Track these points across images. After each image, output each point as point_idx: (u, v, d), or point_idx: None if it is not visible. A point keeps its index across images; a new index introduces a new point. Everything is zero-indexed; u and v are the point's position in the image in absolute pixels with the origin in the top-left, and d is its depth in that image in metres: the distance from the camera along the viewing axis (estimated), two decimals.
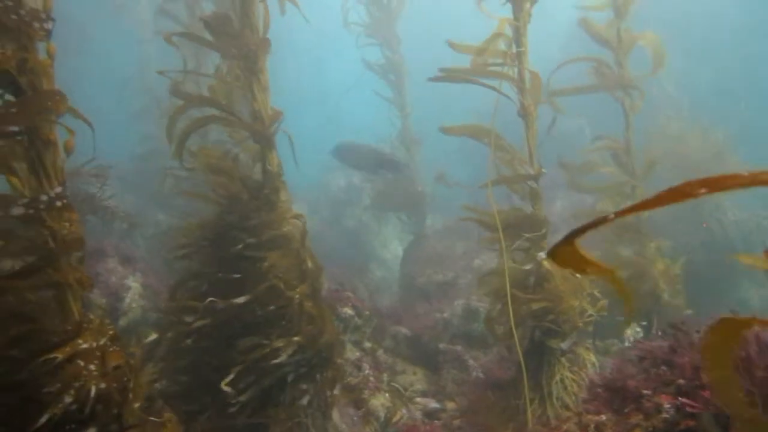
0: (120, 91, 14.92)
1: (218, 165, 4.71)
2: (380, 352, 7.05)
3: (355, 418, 5.32)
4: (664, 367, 2.89)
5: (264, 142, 4.74)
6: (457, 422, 5.93)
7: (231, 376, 4.15)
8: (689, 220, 9.56)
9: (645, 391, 2.82)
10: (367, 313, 7.09)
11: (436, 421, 6.13)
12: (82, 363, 2.56)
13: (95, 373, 2.57)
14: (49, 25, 3.05)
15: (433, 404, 6.55)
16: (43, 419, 2.39)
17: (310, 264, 4.58)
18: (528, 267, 5.14)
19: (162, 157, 11.09)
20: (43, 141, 3.06)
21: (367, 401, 5.63)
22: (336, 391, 4.79)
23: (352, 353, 6.49)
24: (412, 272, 11.11)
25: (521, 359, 4.89)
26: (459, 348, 7.63)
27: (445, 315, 8.63)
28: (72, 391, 2.48)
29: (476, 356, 7.62)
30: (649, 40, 7.15)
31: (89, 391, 2.53)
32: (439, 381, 7.13)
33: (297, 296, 4.43)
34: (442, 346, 7.67)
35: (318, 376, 4.58)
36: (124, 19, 15.23)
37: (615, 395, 3.19)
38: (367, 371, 6.16)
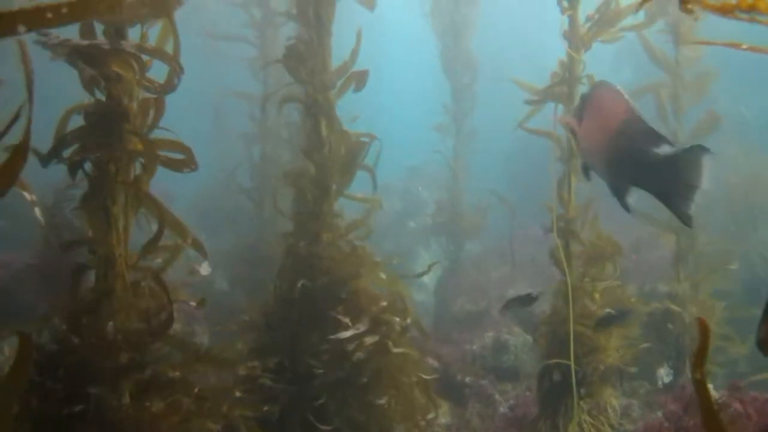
0: None
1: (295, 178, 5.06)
2: None
3: None
4: None
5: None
6: None
7: None
8: (733, 255, 9.23)
9: None
10: None
11: None
12: None
13: None
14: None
15: None
16: None
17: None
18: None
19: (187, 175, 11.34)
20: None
21: None
22: None
23: None
24: (446, 299, 11.15)
25: (575, 392, 4.87)
26: (485, 382, 7.62)
27: (475, 347, 8.62)
28: None
29: (504, 390, 7.59)
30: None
31: None
32: (464, 415, 7.14)
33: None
34: (468, 379, 7.68)
35: None
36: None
37: None
38: None
